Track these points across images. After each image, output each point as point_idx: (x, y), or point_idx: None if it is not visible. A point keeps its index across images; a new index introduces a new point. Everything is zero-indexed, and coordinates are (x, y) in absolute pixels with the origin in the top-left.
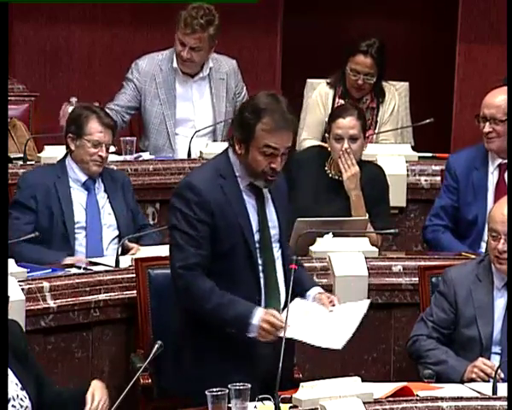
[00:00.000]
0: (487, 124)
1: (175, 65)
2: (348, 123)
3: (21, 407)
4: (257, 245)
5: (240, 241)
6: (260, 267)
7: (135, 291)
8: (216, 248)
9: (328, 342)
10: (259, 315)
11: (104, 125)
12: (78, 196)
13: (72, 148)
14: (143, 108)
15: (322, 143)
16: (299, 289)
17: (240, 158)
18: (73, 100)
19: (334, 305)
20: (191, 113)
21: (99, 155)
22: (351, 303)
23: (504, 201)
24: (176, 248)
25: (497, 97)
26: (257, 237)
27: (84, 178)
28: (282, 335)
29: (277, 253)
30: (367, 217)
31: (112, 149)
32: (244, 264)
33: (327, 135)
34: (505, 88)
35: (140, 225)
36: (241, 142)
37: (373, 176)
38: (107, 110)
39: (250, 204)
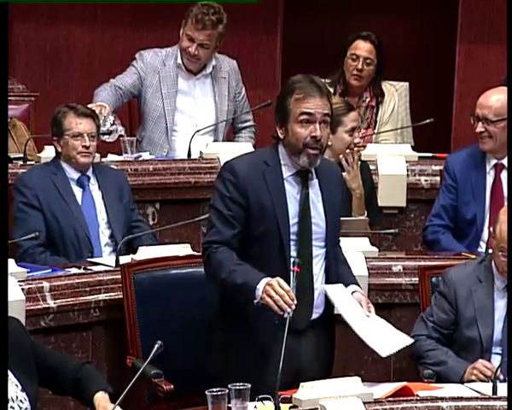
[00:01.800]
0: (480, 124)
1: (179, 61)
2: (356, 116)
3: (20, 408)
4: (293, 237)
5: (273, 229)
6: (293, 260)
7: None
8: (249, 231)
9: (376, 346)
10: (266, 280)
11: (81, 115)
12: (76, 193)
13: (59, 149)
14: (143, 99)
15: None
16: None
17: (284, 143)
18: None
19: (370, 312)
20: (193, 110)
21: (83, 145)
22: (390, 326)
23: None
24: (209, 224)
25: (491, 98)
26: (294, 228)
27: (76, 175)
28: (288, 312)
29: (318, 251)
30: (366, 215)
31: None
32: (275, 253)
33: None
34: (501, 88)
35: (133, 220)
36: (280, 124)
37: (362, 173)
38: (110, 85)
39: (291, 194)
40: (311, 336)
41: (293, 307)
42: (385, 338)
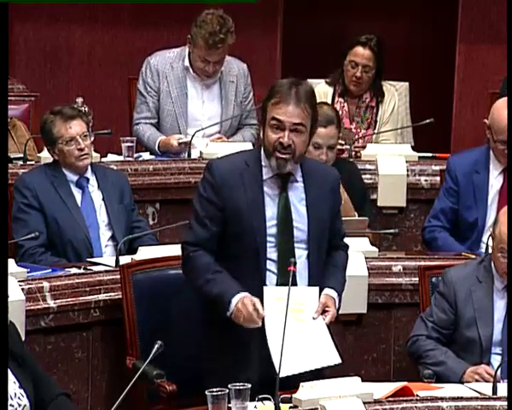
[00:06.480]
0: (504, 147)
1: (186, 63)
2: (329, 132)
3: (19, 405)
4: (270, 239)
5: (248, 229)
6: (271, 262)
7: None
8: (226, 231)
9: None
10: (240, 296)
11: (69, 118)
12: (75, 195)
13: (56, 157)
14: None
15: None
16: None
17: (262, 143)
18: (79, 100)
19: (318, 316)
20: (200, 113)
21: (78, 148)
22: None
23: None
24: (189, 224)
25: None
26: (272, 230)
27: (75, 177)
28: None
29: (300, 252)
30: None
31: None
32: (251, 253)
33: None
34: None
35: (134, 220)
36: (261, 126)
37: (349, 172)
38: (139, 126)
39: (270, 196)
40: None
41: (260, 323)
42: (297, 357)
